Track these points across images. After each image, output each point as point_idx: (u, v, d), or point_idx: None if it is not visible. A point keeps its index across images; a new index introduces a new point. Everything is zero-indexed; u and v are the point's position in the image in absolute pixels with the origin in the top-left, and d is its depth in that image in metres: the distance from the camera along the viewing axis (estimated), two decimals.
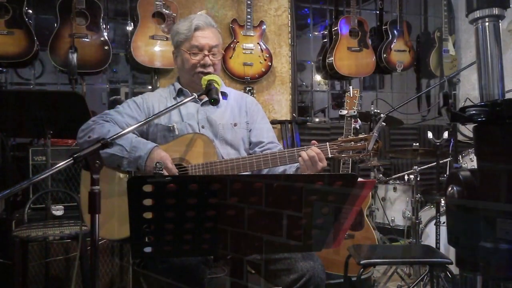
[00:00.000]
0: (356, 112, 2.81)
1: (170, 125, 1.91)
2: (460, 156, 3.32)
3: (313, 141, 1.78)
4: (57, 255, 2.74)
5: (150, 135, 1.93)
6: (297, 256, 1.72)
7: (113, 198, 1.78)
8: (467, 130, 3.93)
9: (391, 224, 3.67)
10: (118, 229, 1.71)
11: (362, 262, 2.20)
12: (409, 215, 3.50)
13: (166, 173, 1.71)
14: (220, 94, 1.98)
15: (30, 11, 3.61)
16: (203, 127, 1.93)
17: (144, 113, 1.94)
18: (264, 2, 4.20)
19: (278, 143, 2.06)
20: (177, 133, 1.90)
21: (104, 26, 3.69)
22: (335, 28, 4.36)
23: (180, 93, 2.01)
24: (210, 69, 1.93)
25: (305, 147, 1.77)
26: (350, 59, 4.33)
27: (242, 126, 2.01)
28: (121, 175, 1.83)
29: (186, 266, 1.64)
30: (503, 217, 0.90)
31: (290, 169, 1.90)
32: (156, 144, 1.80)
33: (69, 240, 2.59)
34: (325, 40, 4.57)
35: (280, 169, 1.89)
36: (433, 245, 2.89)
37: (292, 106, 4.27)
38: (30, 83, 3.72)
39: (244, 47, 3.98)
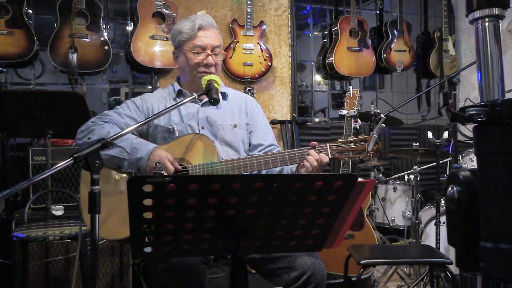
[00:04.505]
0: (356, 112, 2.82)
1: (170, 126, 1.90)
2: (460, 156, 3.32)
3: (314, 142, 1.78)
4: (57, 255, 2.74)
5: (150, 136, 1.93)
6: (297, 254, 1.72)
7: (113, 198, 1.78)
8: (467, 130, 3.93)
9: (391, 224, 3.68)
10: (119, 229, 1.70)
11: (362, 262, 2.20)
12: (409, 215, 3.50)
13: (166, 173, 1.72)
14: (219, 95, 1.98)
15: (30, 11, 3.61)
16: (203, 127, 1.93)
17: (144, 114, 1.93)
18: (264, 2, 4.20)
19: (277, 145, 2.05)
20: (177, 134, 1.89)
21: (104, 26, 3.69)
22: (335, 28, 4.36)
23: (179, 94, 2.01)
24: (212, 69, 1.93)
25: (306, 148, 1.77)
26: (350, 59, 4.33)
27: (242, 127, 2.01)
28: (122, 174, 1.83)
29: (186, 266, 1.64)
30: (503, 217, 0.90)
31: (287, 168, 1.90)
32: (156, 145, 1.79)
33: (69, 240, 2.59)
34: (325, 40, 4.57)
35: (276, 169, 1.89)
36: (433, 245, 2.89)
37: (292, 106, 4.27)
38: (30, 83, 3.72)
39: (244, 47, 3.98)
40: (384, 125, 1.79)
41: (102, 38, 3.57)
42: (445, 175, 3.33)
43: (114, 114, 1.91)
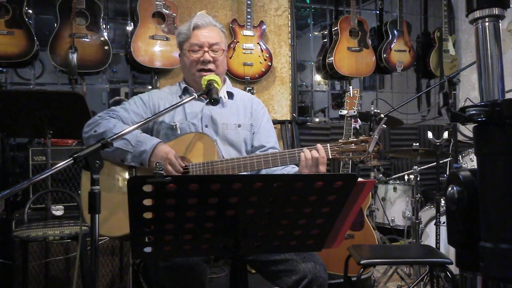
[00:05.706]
0: (356, 112, 2.82)
1: (173, 124, 1.91)
2: (460, 156, 3.32)
3: (318, 145, 1.78)
4: (57, 255, 2.74)
5: (155, 132, 1.95)
6: (298, 258, 1.72)
7: (115, 195, 1.78)
8: (467, 130, 3.93)
9: (391, 224, 3.68)
10: (121, 226, 1.70)
11: (362, 262, 2.20)
12: (409, 215, 3.50)
13: (166, 172, 1.72)
14: (222, 94, 1.99)
15: (30, 11, 3.61)
16: (206, 126, 1.94)
17: (150, 110, 1.95)
18: (264, 2, 4.20)
19: (280, 149, 2.05)
20: (179, 132, 1.90)
21: (104, 26, 3.69)
22: (335, 28, 4.36)
23: (185, 91, 2.02)
24: (211, 66, 1.93)
25: (308, 147, 1.77)
26: (350, 59, 4.33)
27: (246, 127, 2.01)
28: (123, 172, 1.83)
29: (188, 264, 1.64)
30: (503, 217, 0.90)
31: (286, 168, 1.90)
32: (160, 140, 1.81)
33: (69, 240, 2.59)
34: (325, 40, 4.57)
35: (278, 169, 1.88)
36: (433, 245, 2.89)
37: (292, 106, 4.27)
38: (30, 83, 3.72)
39: (244, 47, 3.98)
40: (385, 126, 1.78)
41: (102, 38, 3.57)
42: (445, 175, 3.33)
43: (121, 109, 1.93)
